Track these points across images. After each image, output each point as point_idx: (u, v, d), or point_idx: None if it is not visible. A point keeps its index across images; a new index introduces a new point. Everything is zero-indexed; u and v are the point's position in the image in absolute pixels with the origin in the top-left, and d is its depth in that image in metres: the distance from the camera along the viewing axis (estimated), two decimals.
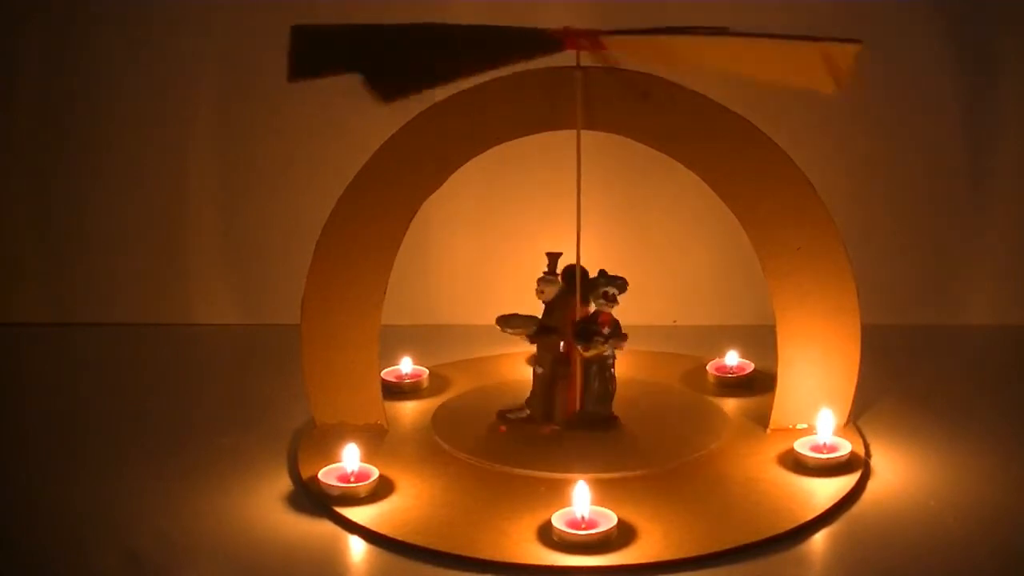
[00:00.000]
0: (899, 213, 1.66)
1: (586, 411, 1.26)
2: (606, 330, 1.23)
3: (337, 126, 1.64)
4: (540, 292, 1.25)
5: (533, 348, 1.29)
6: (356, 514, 1.12)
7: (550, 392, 1.27)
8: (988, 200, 1.64)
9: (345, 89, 1.12)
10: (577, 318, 1.25)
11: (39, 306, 1.74)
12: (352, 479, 1.16)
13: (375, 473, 1.16)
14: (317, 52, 1.10)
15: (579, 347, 1.23)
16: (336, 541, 1.10)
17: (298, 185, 1.69)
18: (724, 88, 1.21)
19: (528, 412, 1.28)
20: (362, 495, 1.14)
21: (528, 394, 1.29)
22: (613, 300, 1.23)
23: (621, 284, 1.23)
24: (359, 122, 1.52)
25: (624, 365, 1.33)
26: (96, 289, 1.74)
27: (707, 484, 1.17)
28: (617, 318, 1.24)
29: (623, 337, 1.24)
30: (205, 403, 1.45)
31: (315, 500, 1.15)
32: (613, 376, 1.26)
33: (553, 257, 1.26)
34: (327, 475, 1.16)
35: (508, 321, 1.26)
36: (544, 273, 1.26)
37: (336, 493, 1.15)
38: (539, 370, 1.27)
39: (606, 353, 1.24)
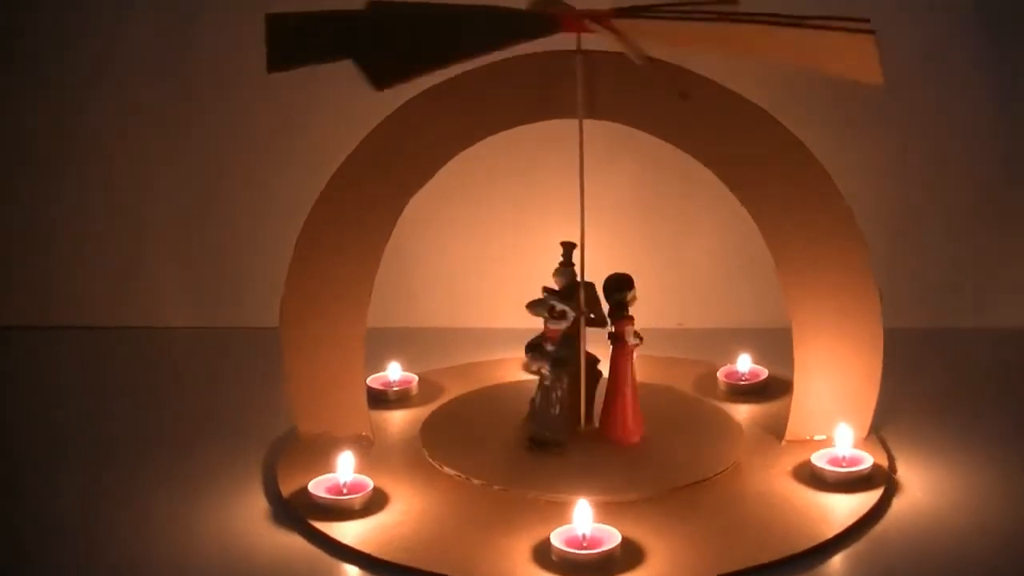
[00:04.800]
0: (923, 209, 1.66)
1: (529, 428, 1.25)
2: (549, 347, 1.23)
3: (318, 116, 1.63)
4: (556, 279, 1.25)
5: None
6: (338, 531, 1.12)
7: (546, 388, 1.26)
8: (1018, 196, 1.63)
9: (327, 76, 1.11)
10: (578, 326, 1.25)
11: (1, 309, 1.74)
12: (345, 491, 1.16)
13: (369, 484, 1.16)
14: (296, 41, 1.09)
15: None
16: (317, 561, 1.09)
17: (277, 179, 1.68)
18: (735, 74, 1.21)
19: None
20: (356, 507, 1.14)
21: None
22: (560, 318, 1.22)
23: (572, 305, 1.22)
24: (341, 111, 1.51)
25: None
26: (62, 292, 1.74)
27: (718, 499, 1.17)
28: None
29: (547, 358, 1.22)
30: (179, 412, 1.44)
31: (296, 516, 1.15)
32: (558, 400, 1.23)
33: (568, 247, 1.25)
34: (317, 486, 1.17)
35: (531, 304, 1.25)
36: (560, 264, 1.25)
37: (327, 505, 1.14)
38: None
39: (543, 373, 1.23)
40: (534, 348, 1.24)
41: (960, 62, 1.60)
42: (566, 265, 1.25)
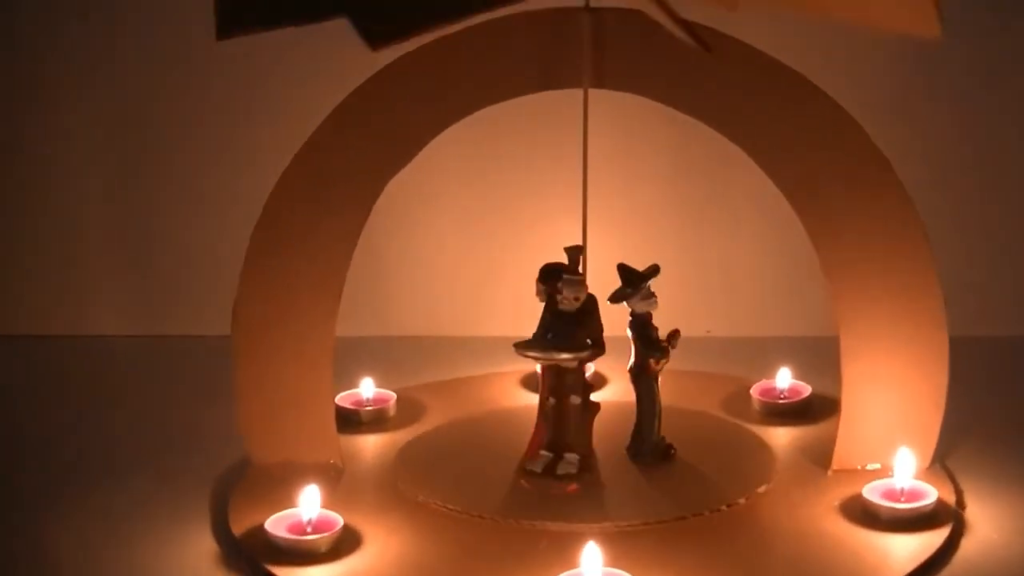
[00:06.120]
0: (994, 200, 1.67)
1: (652, 443, 1.26)
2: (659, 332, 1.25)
3: (274, 87, 1.65)
4: (573, 299, 1.22)
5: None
6: None
7: (586, 424, 1.25)
8: None
9: (285, 39, 1.11)
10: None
11: None
12: (309, 529, 1.14)
13: (339, 522, 1.15)
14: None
15: (652, 361, 1.24)
16: None
17: (228, 166, 1.70)
18: (774, 37, 1.21)
19: (577, 458, 1.25)
20: (323, 549, 1.13)
21: (541, 434, 1.27)
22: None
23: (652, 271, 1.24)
24: (302, 82, 1.59)
25: None
26: None
27: (753, 540, 1.16)
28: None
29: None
30: (113, 434, 1.44)
31: (251, 559, 1.14)
32: None
33: (574, 252, 1.23)
34: (276, 524, 1.15)
35: (546, 345, 1.23)
36: (564, 275, 1.23)
37: (288, 546, 1.13)
38: (576, 400, 1.25)
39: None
40: (658, 342, 1.25)
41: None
42: (575, 275, 1.23)
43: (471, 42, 1.20)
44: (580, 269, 1.24)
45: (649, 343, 1.24)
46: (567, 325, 1.23)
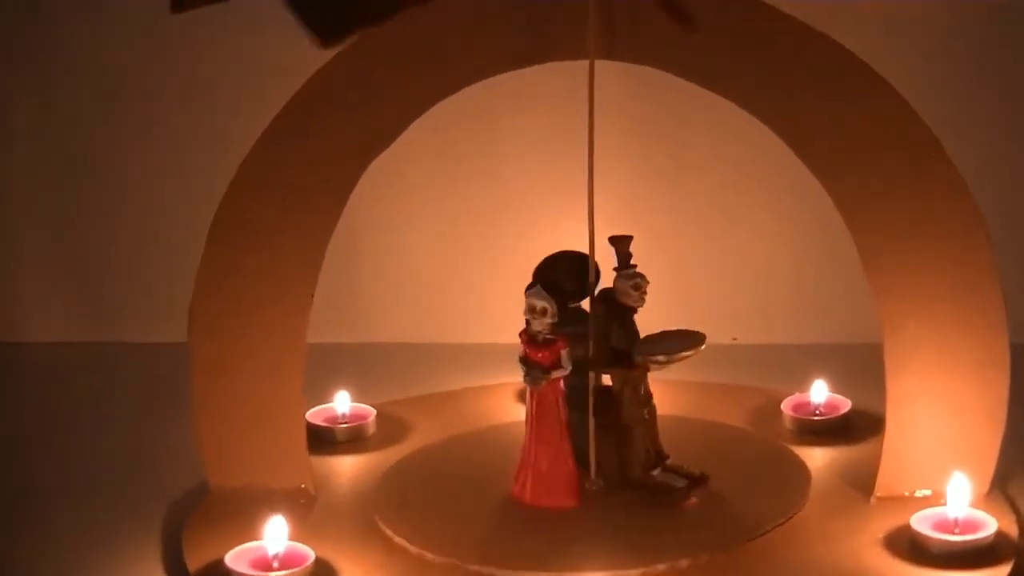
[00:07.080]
0: None
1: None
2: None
3: (237, 59, 1.66)
4: (643, 294, 1.23)
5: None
6: None
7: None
8: None
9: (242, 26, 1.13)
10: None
11: None
12: (276, 564, 1.14)
13: (310, 556, 1.14)
14: None
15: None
16: None
17: (181, 154, 1.71)
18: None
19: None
20: None
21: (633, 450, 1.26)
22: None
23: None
24: (266, 72, 1.57)
25: (664, 401, 1.31)
26: None
27: (783, 574, 1.15)
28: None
29: None
30: (51, 455, 1.45)
31: None
32: None
33: (624, 244, 1.23)
34: (237, 559, 1.14)
35: (674, 344, 1.23)
36: (619, 270, 1.23)
37: None
38: (647, 415, 1.26)
39: None
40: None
41: None
42: (631, 268, 1.24)
43: (461, 5, 1.20)
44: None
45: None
46: (631, 324, 1.24)
